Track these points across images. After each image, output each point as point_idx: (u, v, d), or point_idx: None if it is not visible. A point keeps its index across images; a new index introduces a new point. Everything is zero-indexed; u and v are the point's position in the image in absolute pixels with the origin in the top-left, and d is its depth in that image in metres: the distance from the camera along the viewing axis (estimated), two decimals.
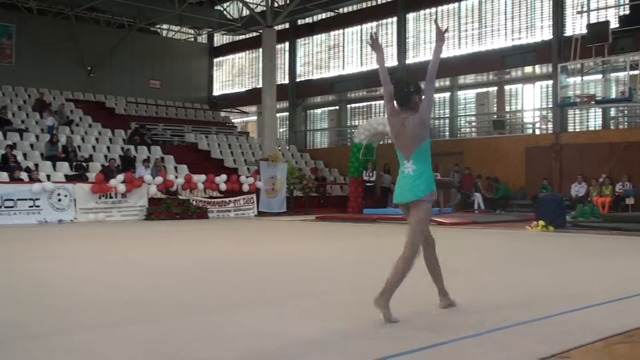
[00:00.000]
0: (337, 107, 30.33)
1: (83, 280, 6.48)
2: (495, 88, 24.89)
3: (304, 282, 6.27)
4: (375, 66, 26.80)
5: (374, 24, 27.30)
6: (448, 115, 25.92)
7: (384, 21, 26.90)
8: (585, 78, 17.73)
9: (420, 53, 25.50)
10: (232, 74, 34.32)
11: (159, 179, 18.78)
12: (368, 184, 21.29)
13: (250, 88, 32.58)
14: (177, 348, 3.73)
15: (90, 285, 6.18)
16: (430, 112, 4.63)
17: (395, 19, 26.18)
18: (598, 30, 17.07)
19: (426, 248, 4.76)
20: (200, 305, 5.04)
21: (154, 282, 6.31)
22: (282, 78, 30.47)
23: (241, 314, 4.71)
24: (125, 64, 30.61)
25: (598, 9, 20.00)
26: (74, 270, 7.35)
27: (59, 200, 16.90)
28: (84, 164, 20.03)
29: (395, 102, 4.67)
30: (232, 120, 33.31)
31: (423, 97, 4.63)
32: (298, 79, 30.24)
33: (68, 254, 9.17)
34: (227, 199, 19.95)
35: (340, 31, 28.64)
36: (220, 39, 34.64)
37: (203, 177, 19.87)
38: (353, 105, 29.89)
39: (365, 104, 29.33)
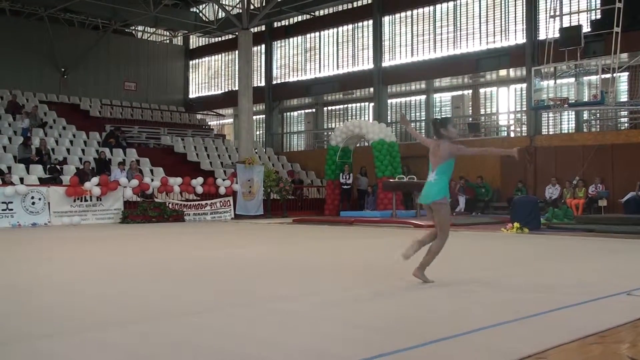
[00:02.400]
0: (314, 110, 30.36)
1: (54, 285, 6.40)
2: (471, 91, 25.10)
3: (280, 285, 6.25)
4: (351, 69, 26.99)
5: (350, 26, 27.39)
6: (424, 118, 26.07)
7: (360, 24, 27.00)
8: (559, 81, 17.94)
9: (396, 56, 25.62)
10: (208, 76, 34.18)
11: (135, 182, 18.62)
12: (345, 187, 21.32)
13: (227, 90, 32.49)
14: (149, 351, 3.70)
15: (61, 289, 6.10)
16: (457, 154, 6.40)
17: (371, 21, 26.29)
18: (570, 34, 17.29)
19: (430, 236, 6.33)
20: (172, 309, 5.00)
21: (127, 286, 6.25)
22: (259, 80, 30.42)
23: (214, 317, 4.68)
24: (100, 66, 30.33)
25: (570, 13, 20.26)
26: (46, 274, 7.24)
27: (33, 203, 16.67)
28: (58, 166, 19.79)
29: (434, 132, 6.53)
30: (209, 123, 33.18)
31: (450, 131, 6.45)
32: (274, 82, 30.21)
33: (39, 258, 9.04)
34: (203, 202, 19.84)
35: (317, 34, 28.67)
36: (196, 41, 34.48)
37: (179, 179, 19.75)
38: (329, 107, 29.94)
39: (341, 106, 29.39)
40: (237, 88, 23.85)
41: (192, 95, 34.47)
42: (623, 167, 19.11)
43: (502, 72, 23.51)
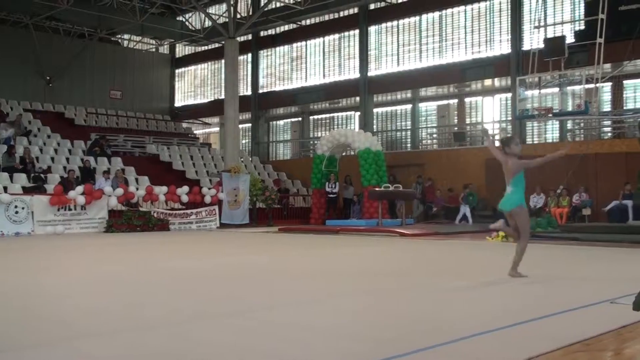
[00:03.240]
0: (300, 119, 30.38)
1: (36, 294, 6.32)
2: (456, 100, 25.24)
3: (266, 294, 6.22)
4: (337, 78, 27.01)
5: (336, 36, 27.47)
6: (410, 127, 26.17)
7: (346, 33, 27.09)
8: (543, 91, 18.08)
9: (382, 65, 25.72)
10: (194, 85, 34.13)
11: (120, 191, 18.51)
12: (331, 196, 21.31)
13: (213, 99, 32.44)
14: None
15: (43, 299, 6.03)
16: (523, 167, 7.43)
17: (357, 31, 26.39)
18: (554, 44, 17.44)
19: (516, 235, 7.39)
20: (155, 319, 4.95)
21: (109, 296, 6.18)
22: (245, 89, 30.41)
23: (198, 326, 4.63)
24: (85, 74, 30.20)
25: (554, 24, 20.46)
26: (28, 283, 7.16)
27: (16, 212, 16.51)
28: (42, 175, 19.62)
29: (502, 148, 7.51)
30: (194, 132, 33.11)
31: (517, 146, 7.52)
32: (261, 91, 30.21)
33: (21, 268, 8.93)
34: (188, 211, 19.75)
35: (303, 43, 28.73)
36: (182, 49, 34.44)
37: (164, 188, 19.65)
38: (316, 116, 29.98)
39: (327, 115, 29.44)
40: (223, 97, 23.84)
41: (178, 103, 34.39)
42: (606, 176, 19.26)
43: (487, 82, 23.67)
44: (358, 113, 26.78)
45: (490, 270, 8.35)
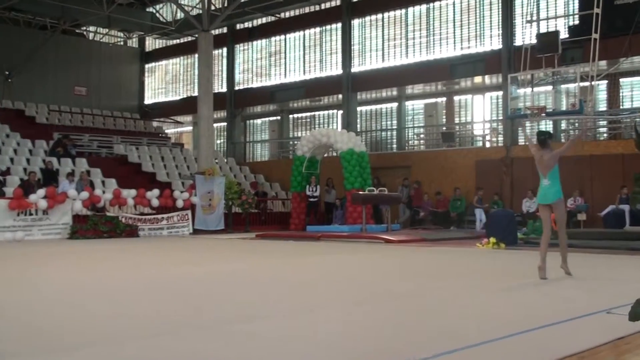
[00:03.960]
0: (279, 118, 30.36)
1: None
2: (444, 99, 25.40)
3: (241, 305, 6.22)
4: (319, 74, 27.05)
5: (318, 29, 27.52)
6: (395, 127, 26.28)
7: (328, 27, 27.14)
8: (536, 89, 18.24)
9: (367, 60, 25.81)
10: (165, 81, 33.98)
11: (85, 194, 18.38)
12: (311, 200, 21.33)
13: (185, 96, 32.33)
14: None
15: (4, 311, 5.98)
16: (559, 157, 8.21)
17: (339, 24, 26.45)
18: (548, 40, 17.60)
19: (545, 242, 8.24)
20: (121, 332, 4.93)
21: (71, 308, 6.14)
22: (220, 86, 30.34)
23: (168, 340, 4.63)
24: (47, 69, 29.91)
25: (547, 18, 20.66)
26: None
27: None
28: (0, 177, 19.42)
29: (537, 143, 8.31)
30: (165, 131, 32.94)
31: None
32: (237, 87, 30.16)
33: None
34: (159, 216, 19.67)
35: (282, 37, 28.74)
36: (152, 43, 34.28)
37: (133, 192, 19.55)
38: (295, 115, 29.99)
39: (308, 114, 29.47)
40: (196, 94, 23.77)
41: (147, 101, 34.22)
42: (602, 179, 19.47)
43: (477, 79, 23.84)
44: (341, 112, 26.84)
45: (481, 279, 8.42)
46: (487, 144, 23.72)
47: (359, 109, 26.76)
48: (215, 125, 27.41)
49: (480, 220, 20.45)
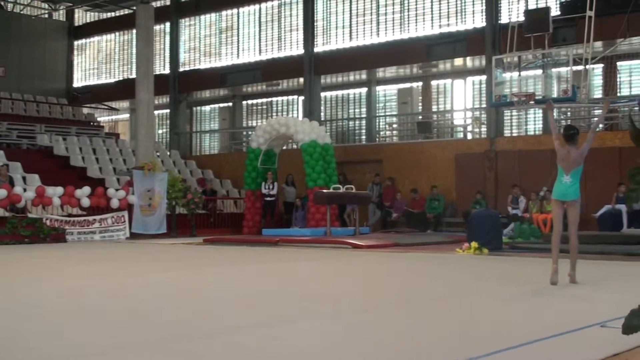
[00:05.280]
0: (230, 104, 30.26)
1: None
2: (420, 83, 25.56)
3: (184, 321, 6.19)
4: (277, 54, 26.98)
5: (276, 2, 27.46)
6: (365, 116, 26.37)
7: (288, 0, 27.09)
8: (524, 73, 18.48)
9: (332, 39, 25.82)
10: (97, 61, 33.65)
11: (3, 192, 18.13)
12: (268, 199, 21.29)
13: (121, 79, 32.05)
14: None
15: None
16: (586, 153, 8.71)
17: None
18: (537, 17, 17.84)
19: (557, 241, 8.86)
20: (46, 353, 4.88)
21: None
22: (162, 67, 30.13)
23: None
24: None
25: None
26: None
27: None
28: None
29: (563, 137, 8.64)
30: (98, 119, 32.62)
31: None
32: (181, 69, 29.96)
33: None
34: (90, 218, 19.48)
35: (234, 10, 28.62)
36: (82, 16, 33.88)
37: (60, 189, 19.34)
38: (250, 101, 29.92)
39: (264, 100, 29.43)
40: (134, 76, 23.54)
41: (77, 84, 33.85)
42: (597, 175, 19.70)
43: (458, 62, 24.03)
44: (302, 98, 26.84)
45: (460, 290, 8.50)
46: (469, 136, 23.94)
47: (322, 94, 26.78)
48: (156, 112, 27.19)
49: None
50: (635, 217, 18.37)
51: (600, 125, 19.24)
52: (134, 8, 24.51)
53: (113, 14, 31.93)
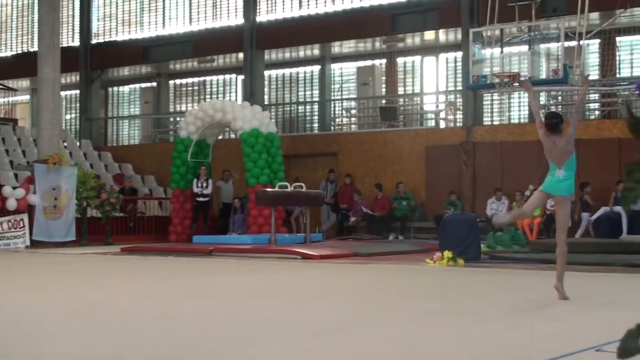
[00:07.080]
0: (154, 84, 30.08)
1: None
2: (384, 61, 25.64)
3: (94, 346, 6.13)
4: (211, 25, 26.86)
5: None
6: (317, 100, 26.38)
7: None
8: (506, 50, 18.62)
9: (277, 7, 25.77)
10: None
11: None
12: (200, 199, 21.20)
13: (20, 52, 31.71)
14: None
15: None
16: (574, 138, 8.90)
17: None
18: None
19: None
20: None
21: None
22: (70, 38, 29.84)
23: None
24: None
25: None
26: None
27: None
28: None
29: (545, 127, 8.86)
30: None
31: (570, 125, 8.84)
32: (94, 41, 29.68)
33: None
34: None
35: None
36: None
37: None
38: (178, 81, 29.79)
39: (195, 79, 29.33)
40: (36, 48, 23.23)
41: None
42: (592, 171, 19.94)
43: (429, 35, 24.19)
44: (241, 77, 26.79)
45: (433, 310, 8.54)
46: (442, 124, 24.11)
47: (266, 73, 26.75)
48: (63, 93, 26.87)
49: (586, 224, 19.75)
50: (637, 220, 18.59)
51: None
52: None
53: None
